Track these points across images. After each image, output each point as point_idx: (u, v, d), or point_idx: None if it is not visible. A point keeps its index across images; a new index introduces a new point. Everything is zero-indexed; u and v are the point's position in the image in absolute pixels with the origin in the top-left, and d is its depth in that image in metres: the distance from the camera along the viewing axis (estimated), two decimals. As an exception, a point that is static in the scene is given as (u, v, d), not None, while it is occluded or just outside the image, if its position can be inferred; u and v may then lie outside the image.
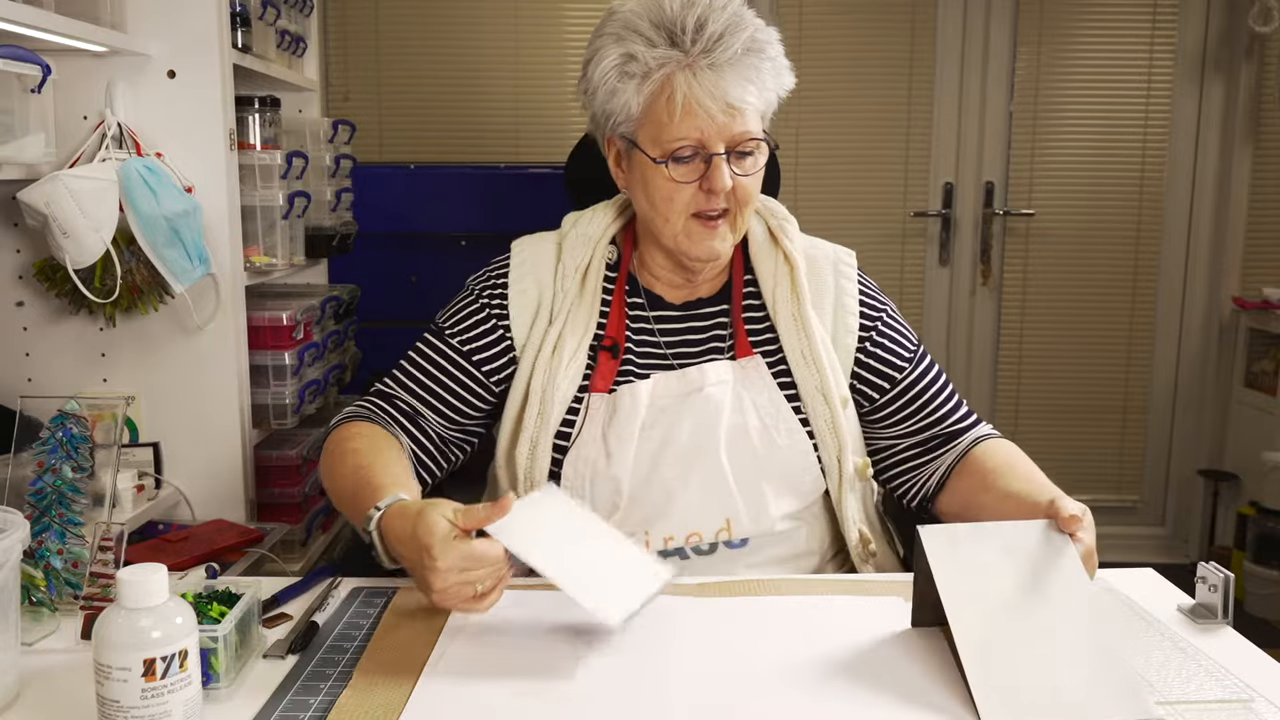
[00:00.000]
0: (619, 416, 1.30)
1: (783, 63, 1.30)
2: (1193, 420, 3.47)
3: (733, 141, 1.25)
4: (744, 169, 1.27)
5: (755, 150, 1.27)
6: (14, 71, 1.46)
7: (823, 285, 1.38)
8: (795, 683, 0.96)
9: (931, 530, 1.02)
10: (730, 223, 1.30)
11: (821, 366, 1.32)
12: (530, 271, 1.38)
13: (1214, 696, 0.94)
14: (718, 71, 1.23)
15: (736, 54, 1.23)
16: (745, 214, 1.31)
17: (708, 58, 1.23)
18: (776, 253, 1.38)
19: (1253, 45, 3.25)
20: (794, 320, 1.34)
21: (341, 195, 2.33)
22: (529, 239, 1.42)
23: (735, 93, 1.23)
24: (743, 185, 1.27)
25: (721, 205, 1.28)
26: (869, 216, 3.35)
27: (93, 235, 1.57)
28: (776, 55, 1.29)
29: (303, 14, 2.33)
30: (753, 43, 1.25)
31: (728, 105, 1.23)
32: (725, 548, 1.29)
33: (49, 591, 1.10)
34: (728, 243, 1.31)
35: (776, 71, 1.28)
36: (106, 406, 1.29)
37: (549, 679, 0.96)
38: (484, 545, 1.00)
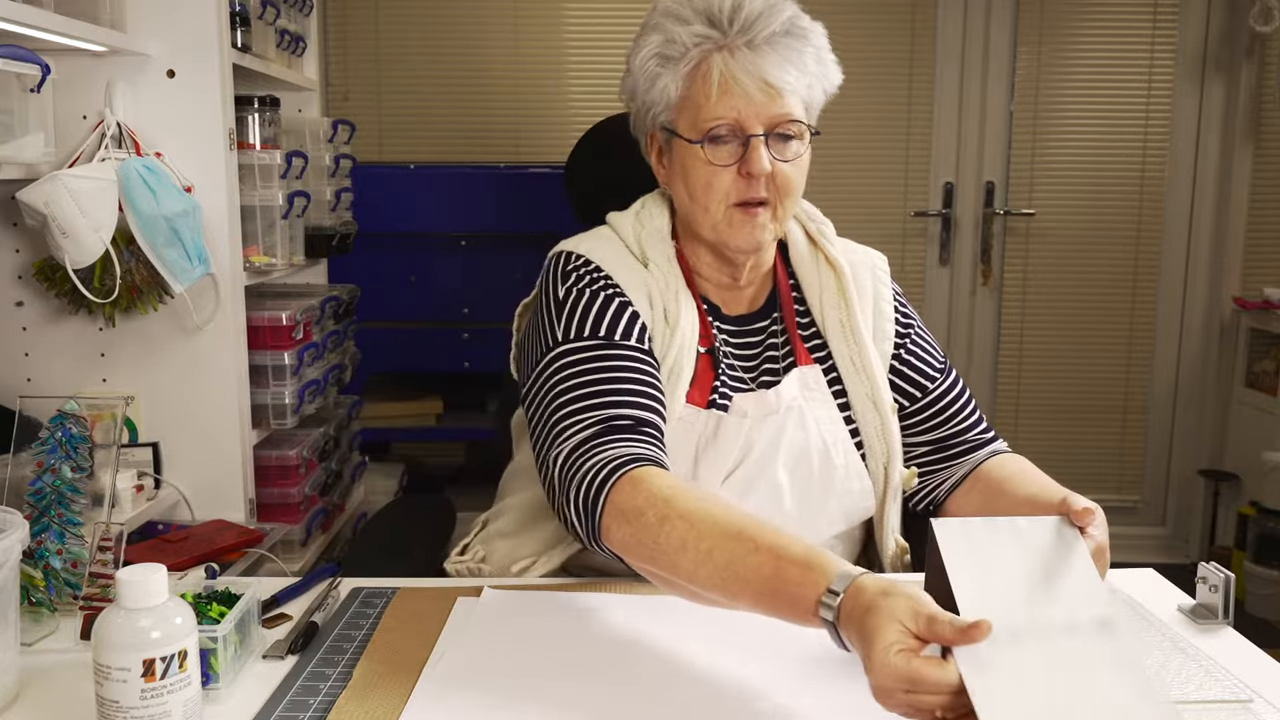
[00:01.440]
0: (718, 445, 1.25)
1: (828, 55, 1.28)
2: (1193, 420, 3.47)
3: (771, 123, 1.22)
4: (784, 154, 1.24)
5: (797, 136, 1.25)
6: (13, 71, 1.46)
7: (863, 290, 1.37)
8: (798, 680, 0.96)
9: (944, 523, 1.02)
10: (772, 213, 1.26)
11: (872, 374, 1.31)
12: (625, 271, 1.28)
13: (1214, 696, 0.94)
14: (756, 50, 1.21)
15: (775, 34, 1.22)
16: (787, 205, 1.27)
17: (745, 36, 1.22)
18: (818, 257, 1.37)
19: (1253, 45, 3.25)
20: (842, 327, 1.33)
21: (341, 195, 2.32)
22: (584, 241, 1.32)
23: (774, 72, 1.21)
24: (783, 172, 1.24)
25: (762, 193, 1.24)
26: (869, 216, 3.35)
27: (92, 235, 1.56)
28: (820, 45, 1.27)
29: (302, 14, 2.33)
30: (793, 26, 1.24)
31: (765, 84, 1.21)
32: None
33: (48, 592, 1.09)
34: (769, 233, 1.27)
35: (820, 59, 1.26)
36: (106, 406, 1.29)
37: (549, 679, 0.96)
38: (935, 672, 0.80)
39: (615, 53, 3.27)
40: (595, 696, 0.93)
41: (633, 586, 1.18)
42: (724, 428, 1.25)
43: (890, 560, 1.34)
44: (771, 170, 1.23)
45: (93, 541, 1.09)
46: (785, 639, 1.04)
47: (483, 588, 1.16)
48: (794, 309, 1.36)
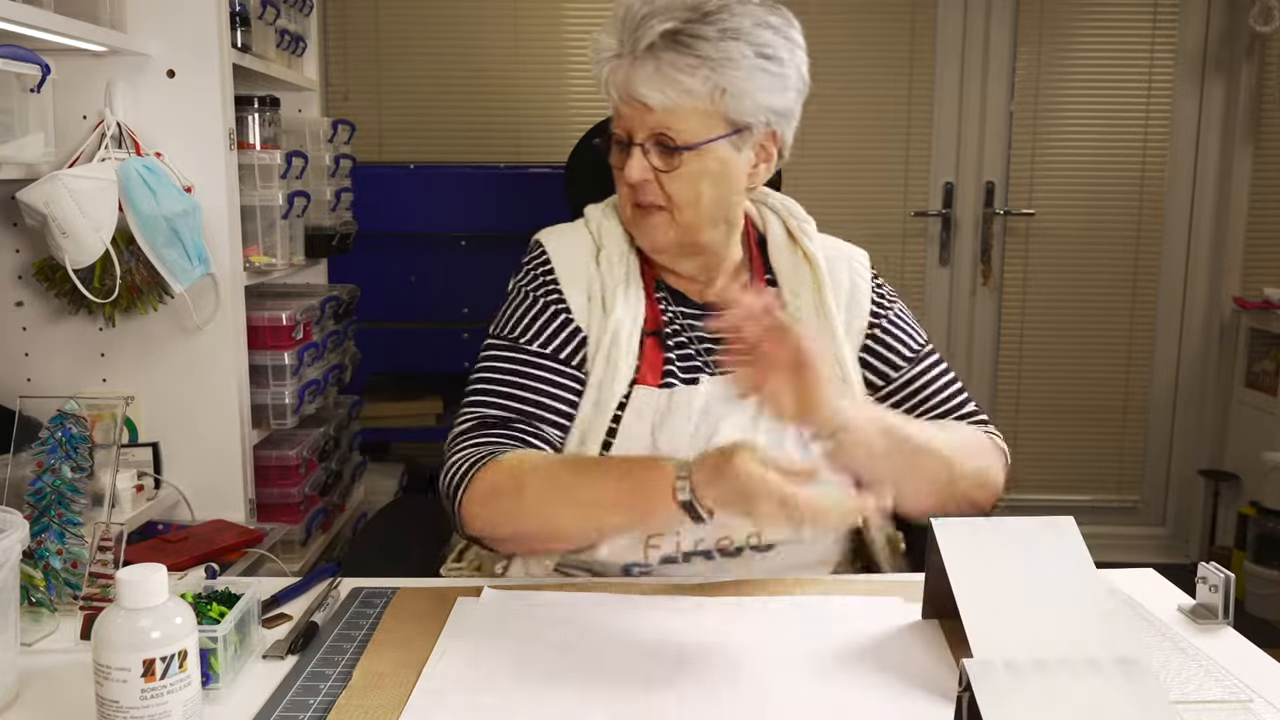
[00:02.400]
0: (673, 418, 1.27)
1: (742, 57, 1.21)
2: (1193, 420, 3.47)
3: (650, 134, 1.23)
4: (665, 164, 1.24)
5: (686, 146, 1.23)
6: (13, 71, 1.46)
7: (839, 282, 1.38)
8: (797, 681, 0.96)
9: (945, 523, 1.02)
10: (670, 218, 1.27)
11: (843, 360, 1.33)
12: (573, 263, 1.34)
13: (1214, 696, 0.94)
14: (634, 63, 1.22)
15: (654, 45, 1.20)
16: (686, 213, 1.26)
17: (630, 47, 1.22)
18: (796, 252, 1.38)
19: (1253, 45, 3.25)
20: (816, 315, 1.34)
21: (341, 195, 2.32)
22: (554, 232, 1.39)
23: (641, 88, 1.21)
24: (668, 182, 1.25)
25: (647, 198, 1.26)
26: (869, 216, 3.35)
27: (92, 235, 1.57)
28: (720, 50, 1.20)
29: (302, 14, 2.33)
30: (679, 32, 1.20)
31: (632, 98, 1.22)
32: (751, 550, 1.28)
33: (48, 592, 1.09)
34: (669, 237, 1.28)
35: (717, 66, 1.20)
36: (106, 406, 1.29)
37: (549, 679, 0.96)
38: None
39: (615, 53, 3.27)
40: (595, 696, 0.93)
41: (632, 586, 1.18)
42: (675, 403, 1.28)
43: (880, 551, 1.34)
44: (653, 179, 1.25)
45: (93, 541, 1.09)
46: (790, 637, 1.05)
47: (483, 588, 1.16)
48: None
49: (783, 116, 1.29)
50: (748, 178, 1.30)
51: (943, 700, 0.92)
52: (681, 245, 1.31)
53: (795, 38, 1.29)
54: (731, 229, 1.35)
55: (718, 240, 1.33)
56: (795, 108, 1.31)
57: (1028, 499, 3.47)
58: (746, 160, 1.29)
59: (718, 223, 1.31)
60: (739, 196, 1.32)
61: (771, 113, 1.27)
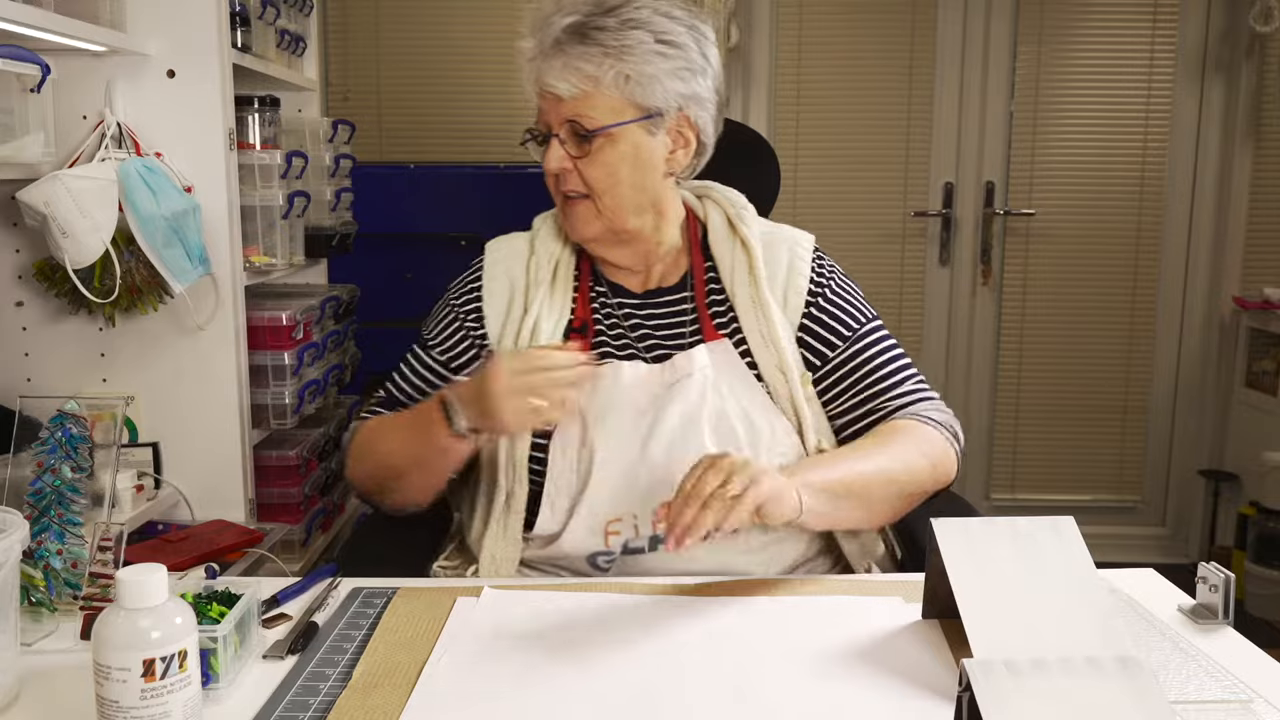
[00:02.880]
0: (597, 392, 1.31)
1: (640, 44, 1.27)
2: (1193, 420, 3.47)
3: (562, 123, 1.29)
4: (580, 151, 1.30)
5: (600, 134, 1.28)
6: (14, 71, 1.46)
7: (777, 266, 1.39)
8: (797, 681, 0.96)
9: (944, 523, 1.03)
10: (594, 206, 1.32)
11: (781, 347, 1.33)
12: (503, 270, 1.42)
13: (1214, 696, 0.94)
14: (544, 57, 1.29)
15: (559, 40, 1.28)
16: (607, 200, 1.32)
17: (540, 44, 1.30)
18: (734, 239, 1.39)
19: (1253, 45, 3.25)
20: (753, 303, 1.35)
21: (341, 195, 2.33)
22: (502, 239, 1.47)
23: (549, 79, 1.28)
24: (583, 169, 1.30)
25: (569, 186, 1.32)
26: (869, 216, 3.35)
27: (92, 235, 1.57)
28: (620, 39, 1.26)
29: (303, 14, 2.33)
30: (582, 26, 1.27)
31: (544, 89, 1.29)
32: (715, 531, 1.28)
33: (48, 592, 1.09)
34: (595, 226, 1.34)
35: (619, 53, 1.26)
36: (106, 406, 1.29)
37: (550, 679, 0.96)
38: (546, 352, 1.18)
39: (615, 53, 3.27)
40: (595, 696, 0.93)
41: (632, 586, 1.18)
42: (600, 384, 1.31)
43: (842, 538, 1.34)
44: (571, 167, 1.30)
45: (93, 541, 1.09)
46: (790, 637, 1.05)
47: (483, 588, 1.16)
48: (705, 288, 1.39)
49: (694, 101, 1.32)
50: (666, 163, 1.34)
51: (943, 700, 0.92)
52: (609, 233, 1.35)
53: (701, 28, 1.33)
54: (661, 217, 1.38)
55: (646, 227, 1.36)
56: (707, 94, 1.34)
57: (1028, 499, 3.48)
58: (662, 145, 1.33)
59: (642, 209, 1.35)
60: (659, 182, 1.35)
61: (681, 97, 1.31)
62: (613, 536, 1.28)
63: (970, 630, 0.94)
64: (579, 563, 1.30)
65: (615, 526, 1.28)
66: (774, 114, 3.32)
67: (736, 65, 3.29)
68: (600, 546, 1.28)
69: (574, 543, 1.29)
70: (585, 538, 1.28)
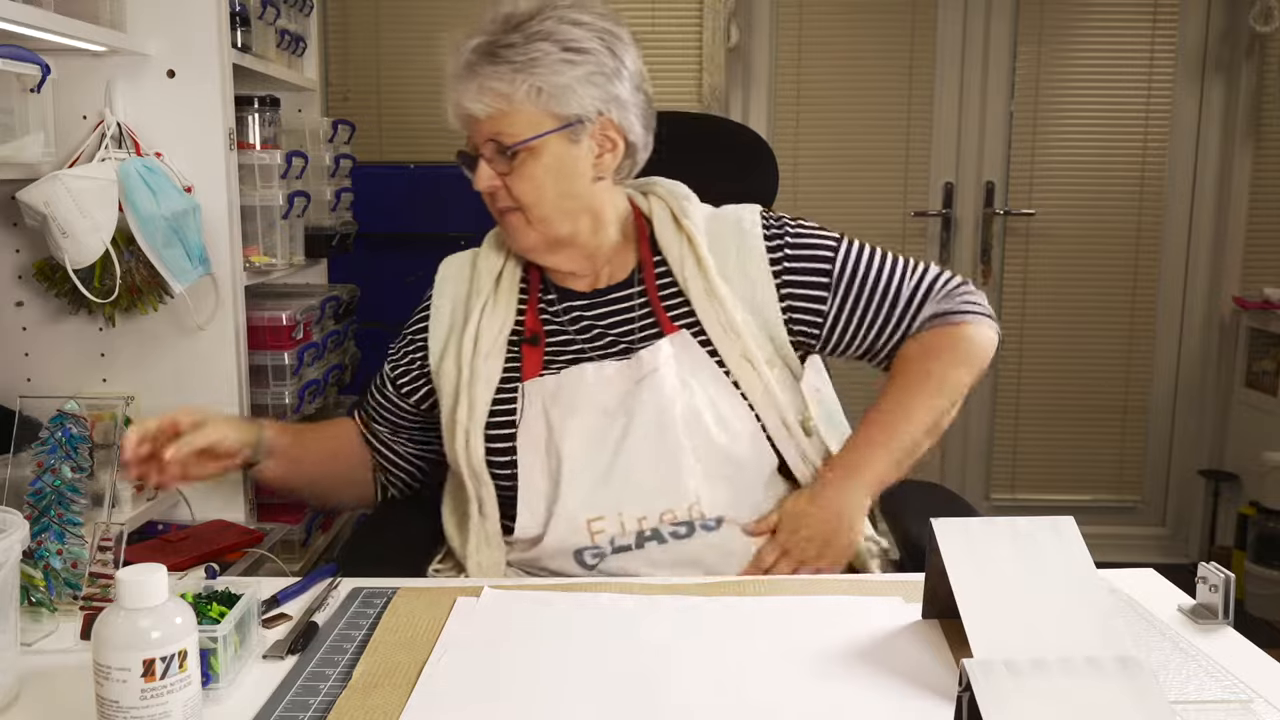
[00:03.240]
0: (562, 394, 1.33)
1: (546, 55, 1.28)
2: (1193, 420, 3.47)
3: (486, 143, 1.32)
4: (504, 168, 1.32)
5: (524, 149, 1.30)
6: (14, 71, 1.46)
7: (726, 252, 1.38)
8: (798, 681, 0.96)
9: (945, 523, 1.03)
10: (525, 219, 1.34)
11: (740, 332, 1.33)
12: (450, 288, 1.46)
13: (1214, 696, 0.94)
14: (460, 83, 1.31)
15: (470, 62, 1.30)
16: (535, 213, 1.34)
17: (458, 70, 1.32)
18: (680, 233, 1.39)
19: (1253, 45, 3.25)
20: (707, 295, 1.35)
21: (341, 195, 2.32)
22: (452, 257, 1.50)
23: (463, 101, 1.31)
24: (513, 184, 1.32)
25: (501, 203, 1.35)
26: (869, 216, 3.34)
27: (92, 235, 1.56)
28: (526, 53, 1.28)
29: (303, 14, 2.33)
30: (483, 47, 1.30)
31: (459, 110, 1.32)
32: (702, 530, 1.29)
33: (48, 592, 1.09)
34: (529, 238, 1.36)
35: (526, 67, 1.28)
36: (106, 406, 1.29)
37: (550, 679, 0.96)
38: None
39: (615, 53, 3.27)
40: (595, 696, 0.93)
41: (632, 586, 1.18)
42: (563, 384, 1.33)
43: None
44: (500, 184, 1.32)
45: (93, 541, 1.09)
46: (790, 637, 1.05)
47: (483, 588, 1.16)
48: (656, 283, 1.39)
49: (614, 104, 1.33)
50: (594, 167, 1.34)
51: (943, 700, 0.92)
52: (546, 242, 1.37)
53: (616, 31, 1.34)
54: (597, 220, 1.38)
55: (582, 231, 1.37)
56: (627, 95, 1.34)
57: (1028, 499, 3.48)
58: (588, 151, 1.33)
59: (575, 214, 1.36)
60: (589, 187, 1.35)
61: (599, 102, 1.32)
62: (598, 535, 1.28)
63: (970, 630, 0.94)
64: (566, 561, 1.30)
65: (598, 525, 1.28)
66: (774, 114, 3.32)
67: (736, 65, 3.29)
68: (585, 543, 1.29)
69: (557, 542, 1.29)
70: (567, 537, 1.29)
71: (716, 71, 3.22)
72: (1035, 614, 0.96)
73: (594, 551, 1.29)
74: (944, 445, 3.50)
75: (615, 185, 1.40)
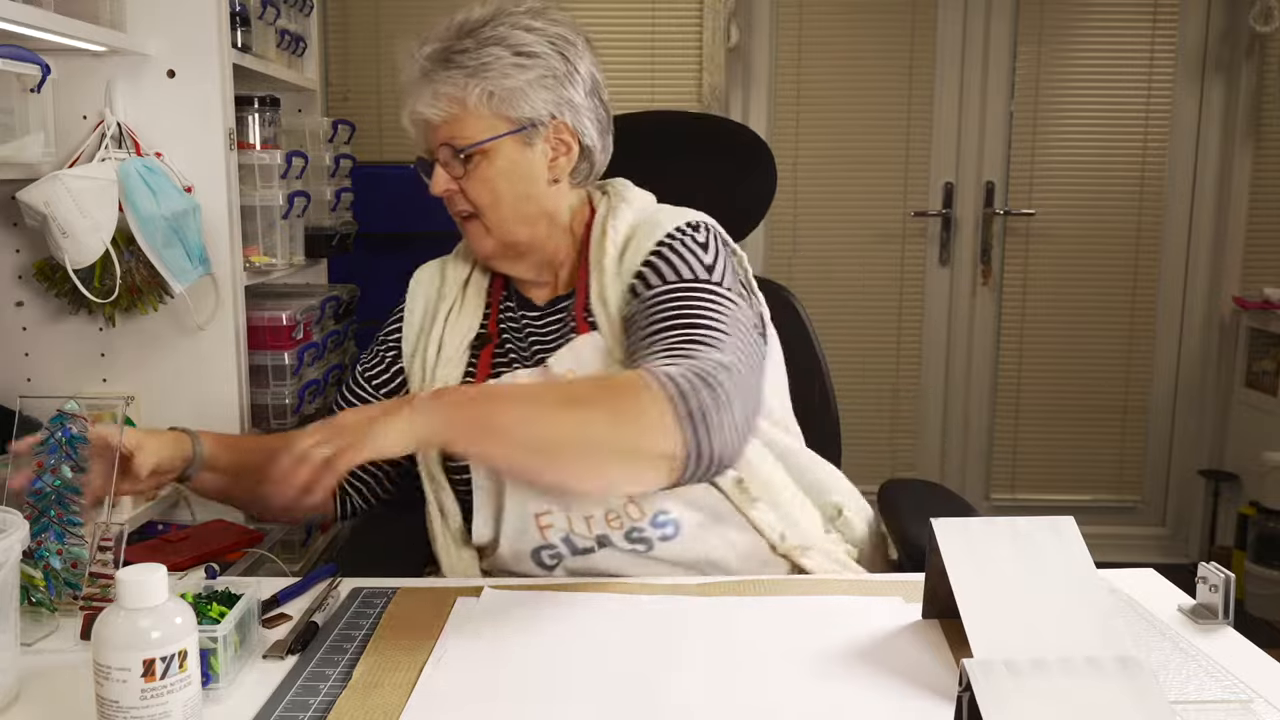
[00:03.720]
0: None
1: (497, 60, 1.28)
2: (1193, 420, 3.47)
3: (441, 147, 1.32)
4: (458, 172, 1.32)
5: (479, 153, 1.30)
6: (14, 71, 1.46)
7: (637, 253, 1.32)
8: (797, 681, 0.96)
9: (944, 523, 1.03)
10: (483, 225, 1.34)
11: (620, 336, 1.30)
12: (421, 293, 1.48)
13: (1214, 696, 0.94)
14: (415, 90, 1.32)
15: (423, 69, 1.31)
16: (492, 217, 1.33)
17: (413, 77, 1.32)
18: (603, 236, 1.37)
19: (1253, 45, 3.25)
20: (599, 299, 1.33)
21: (341, 195, 2.32)
22: (427, 264, 1.51)
23: (418, 106, 1.32)
24: (467, 188, 1.32)
25: (458, 207, 1.35)
26: (869, 216, 3.35)
27: (92, 235, 1.56)
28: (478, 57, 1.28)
29: (303, 14, 2.33)
30: (437, 54, 1.30)
31: (416, 120, 1.33)
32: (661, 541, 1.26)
33: (48, 592, 1.09)
34: (487, 244, 1.36)
35: (478, 72, 1.28)
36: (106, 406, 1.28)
37: (550, 679, 0.96)
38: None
39: (615, 53, 3.27)
40: (595, 696, 0.93)
41: (632, 586, 1.19)
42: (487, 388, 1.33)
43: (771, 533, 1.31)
44: (455, 188, 1.33)
45: (93, 541, 1.09)
46: (785, 638, 1.05)
47: (483, 588, 1.16)
48: (586, 290, 1.36)
49: (568, 107, 1.33)
50: (549, 170, 1.34)
51: (943, 700, 0.92)
52: (503, 247, 1.37)
53: (569, 36, 1.34)
54: (553, 223, 1.37)
55: (539, 237, 1.37)
56: (580, 99, 1.34)
57: (1028, 499, 3.48)
58: (542, 154, 1.33)
59: (532, 219, 1.35)
60: (545, 190, 1.35)
61: (552, 105, 1.32)
62: (548, 530, 1.26)
63: (970, 630, 0.94)
64: (527, 564, 1.28)
65: (546, 520, 1.27)
66: (774, 114, 3.32)
67: (736, 65, 3.29)
68: (539, 540, 1.27)
69: (510, 543, 1.28)
70: (519, 536, 1.27)
71: (716, 71, 3.22)
72: (1035, 614, 0.96)
73: (550, 551, 1.28)
74: (944, 445, 3.51)
75: (573, 189, 1.39)
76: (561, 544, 1.27)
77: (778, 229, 3.28)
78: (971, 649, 0.93)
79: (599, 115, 1.37)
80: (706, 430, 1.07)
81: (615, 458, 1.08)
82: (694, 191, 1.47)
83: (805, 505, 1.38)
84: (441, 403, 1.06)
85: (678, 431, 1.06)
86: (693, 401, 1.07)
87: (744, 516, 1.30)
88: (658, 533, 1.26)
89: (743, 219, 1.68)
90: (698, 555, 1.28)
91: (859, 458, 2.00)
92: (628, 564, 1.27)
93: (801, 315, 1.68)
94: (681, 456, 1.06)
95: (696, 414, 1.07)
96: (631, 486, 1.18)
